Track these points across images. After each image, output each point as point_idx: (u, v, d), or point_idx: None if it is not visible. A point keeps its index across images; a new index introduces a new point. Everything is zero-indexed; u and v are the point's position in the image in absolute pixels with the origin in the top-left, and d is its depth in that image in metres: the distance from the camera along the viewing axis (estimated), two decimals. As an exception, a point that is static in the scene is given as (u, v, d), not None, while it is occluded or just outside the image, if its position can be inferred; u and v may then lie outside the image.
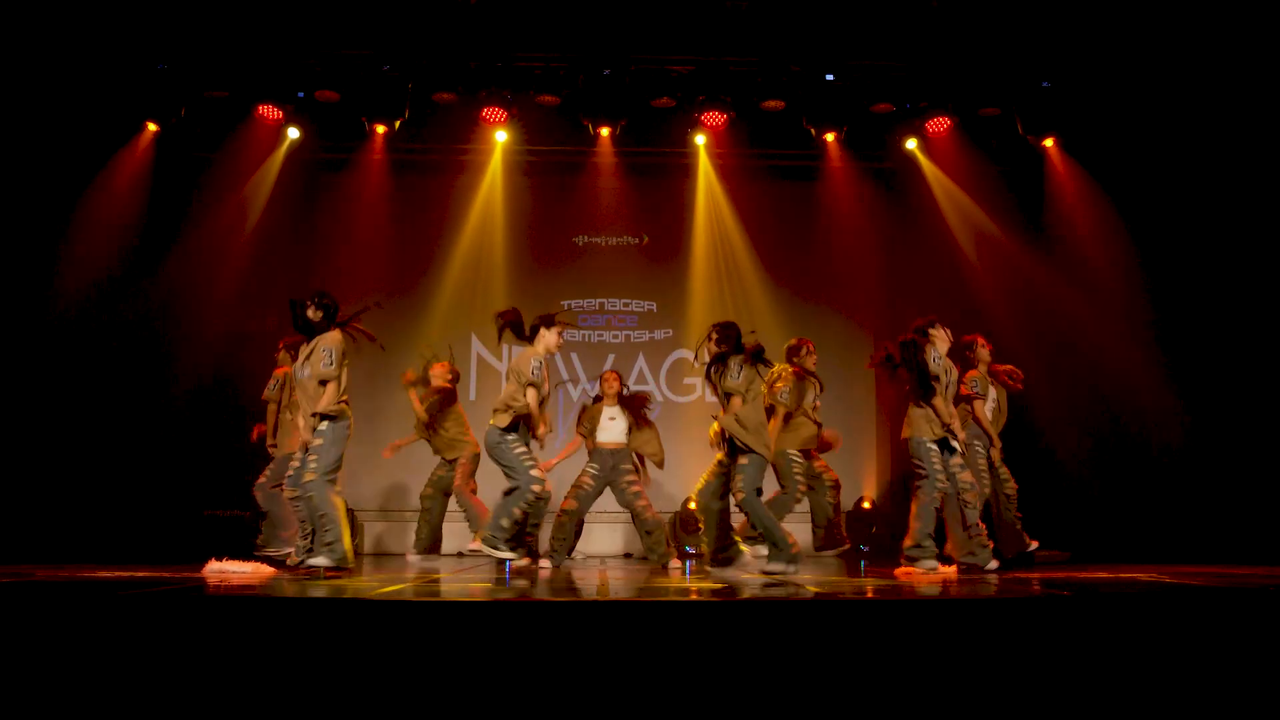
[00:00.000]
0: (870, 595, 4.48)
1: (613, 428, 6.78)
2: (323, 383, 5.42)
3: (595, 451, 6.83)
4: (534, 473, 5.94)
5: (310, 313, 5.62)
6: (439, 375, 7.82)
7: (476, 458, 7.73)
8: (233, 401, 8.41)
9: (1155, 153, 8.26)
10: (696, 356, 6.10)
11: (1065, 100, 8.44)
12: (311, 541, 5.31)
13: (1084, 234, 8.68)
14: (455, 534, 8.54)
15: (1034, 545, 6.82)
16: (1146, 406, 8.19)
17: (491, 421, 6.00)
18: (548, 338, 6.00)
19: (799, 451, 6.74)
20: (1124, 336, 8.34)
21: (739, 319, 6.18)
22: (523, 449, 5.97)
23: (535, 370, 5.89)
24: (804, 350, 6.95)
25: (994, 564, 6.31)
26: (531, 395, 5.89)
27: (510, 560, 6.15)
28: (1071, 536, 8.21)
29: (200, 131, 8.70)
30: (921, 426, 5.98)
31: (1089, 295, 8.59)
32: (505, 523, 5.90)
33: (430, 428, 7.81)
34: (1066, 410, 8.45)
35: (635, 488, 6.74)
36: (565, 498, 6.79)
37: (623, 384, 6.92)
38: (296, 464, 5.44)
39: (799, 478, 6.70)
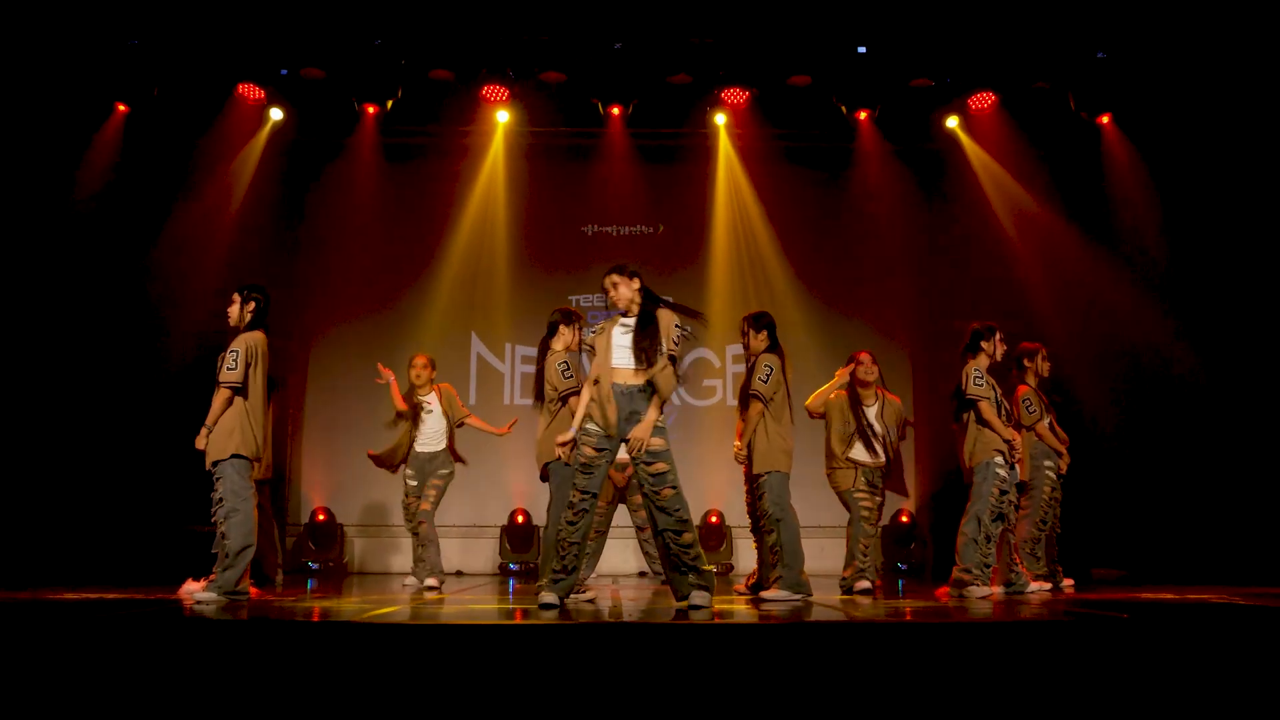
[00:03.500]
0: (909, 618, 4.45)
1: (629, 352, 4.87)
2: (223, 387, 5.34)
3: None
4: None
5: (234, 309, 5.56)
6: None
7: None
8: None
9: (1226, 132, 8.14)
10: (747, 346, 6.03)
11: (1122, 73, 8.35)
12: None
13: (1148, 224, 8.55)
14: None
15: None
16: (1217, 414, 8.10)
17: None
18: (565, 335, 5.92)
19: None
20: (1194, 342, 8.22)
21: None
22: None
23: (565, 373, 5.73)
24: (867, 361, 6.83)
25: (1034, 585, 6.31)
26: (572, 404, 5.52)
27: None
28: (1130, 553, 8.15)
29: (177, 113, 8.70)
30: (986, 449, 5.97)
31: (1154, 294, 8.45)
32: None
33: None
34: (1128, 421, 8.38)
35: (660, 466, 4.79)
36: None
37: (631, 279, 4.97)
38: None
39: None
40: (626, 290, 4.93)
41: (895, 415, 6.78)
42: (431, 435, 7.08)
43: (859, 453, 6.60)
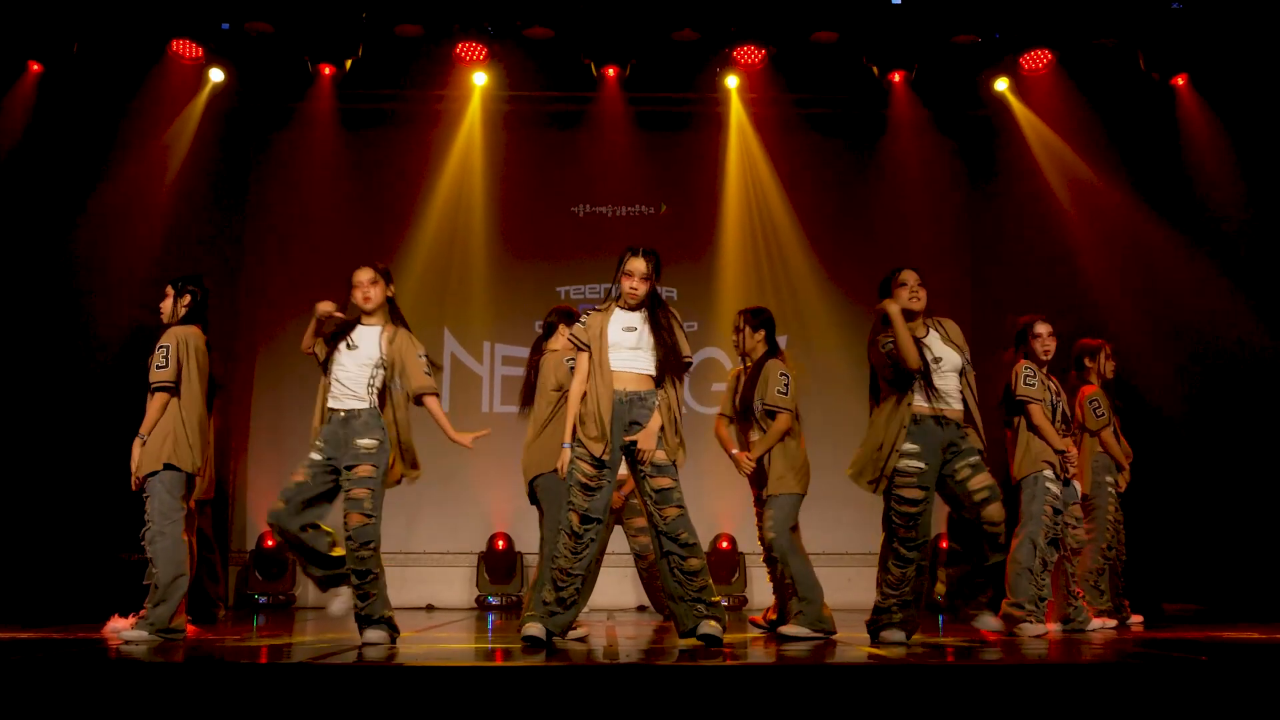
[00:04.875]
0: (948, 660, 4.44)
1: (633, 354, 4.95)
2: (156, 390, 5.36)
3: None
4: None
5: (166, 304, 5.59)
6: None
7: None
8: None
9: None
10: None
11: (1201, 27, 8.32)
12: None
13: (1232, 202, 8.51)
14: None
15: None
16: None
17: None
18: (564, 336, 5.98)
19: None
20: None
21: (781, 306, 6.19)
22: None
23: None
24: None
25: (1096, 622, 6.30)
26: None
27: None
28: (1209, 585, 8.13)
29: (101, 74, 8.67)
30: (1035, 461, 6.00)
31: (1239, 283, 8.40)
32: None
33: None
34: (1209, 430, 8.34)
35: (664, 481, 4.88)
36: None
37: (656, 277, 5.00)
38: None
39: None
40: (644, 290, 4.94)
41: (960, 337, 5.45)
42: (353, 383, 5.15)
43: (919, 403, 5.22)
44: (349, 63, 8.57)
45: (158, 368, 5.38)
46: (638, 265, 4.92)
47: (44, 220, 8.50)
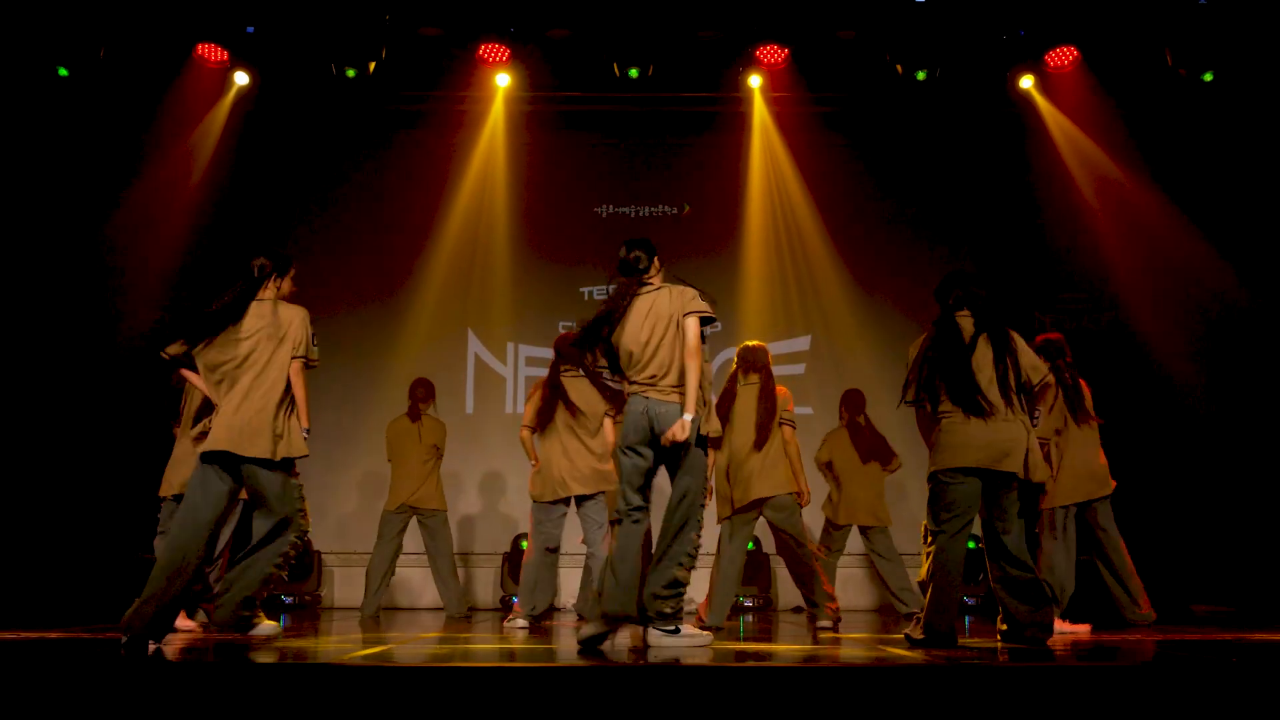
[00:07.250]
0: (971, 661, 4.41)
1: None
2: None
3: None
4: None
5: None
6: None
7: None
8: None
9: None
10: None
11: (1229, 23, 8.25)
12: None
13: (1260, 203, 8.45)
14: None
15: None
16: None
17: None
18: None
19: None
20: None
21: (805, 306, 6.15)
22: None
23: None
24: None
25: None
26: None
27: None
28: (1239, 586, 8.05)
29: (126, 79, 8.74)
30: None
31: (1274, 286, 8.34)
32: None
33: None
34: (1239, 429, 8.27)
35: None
36: None
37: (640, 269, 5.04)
38: None
39: None
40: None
41: (1028, 357, 5.17)
42: None
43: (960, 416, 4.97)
44: (372, 66, 8.60)
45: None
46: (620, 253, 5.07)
47: (71, 223, 8.58)
